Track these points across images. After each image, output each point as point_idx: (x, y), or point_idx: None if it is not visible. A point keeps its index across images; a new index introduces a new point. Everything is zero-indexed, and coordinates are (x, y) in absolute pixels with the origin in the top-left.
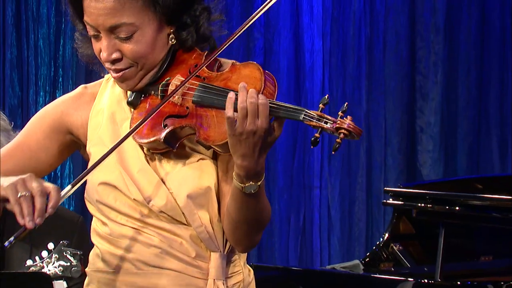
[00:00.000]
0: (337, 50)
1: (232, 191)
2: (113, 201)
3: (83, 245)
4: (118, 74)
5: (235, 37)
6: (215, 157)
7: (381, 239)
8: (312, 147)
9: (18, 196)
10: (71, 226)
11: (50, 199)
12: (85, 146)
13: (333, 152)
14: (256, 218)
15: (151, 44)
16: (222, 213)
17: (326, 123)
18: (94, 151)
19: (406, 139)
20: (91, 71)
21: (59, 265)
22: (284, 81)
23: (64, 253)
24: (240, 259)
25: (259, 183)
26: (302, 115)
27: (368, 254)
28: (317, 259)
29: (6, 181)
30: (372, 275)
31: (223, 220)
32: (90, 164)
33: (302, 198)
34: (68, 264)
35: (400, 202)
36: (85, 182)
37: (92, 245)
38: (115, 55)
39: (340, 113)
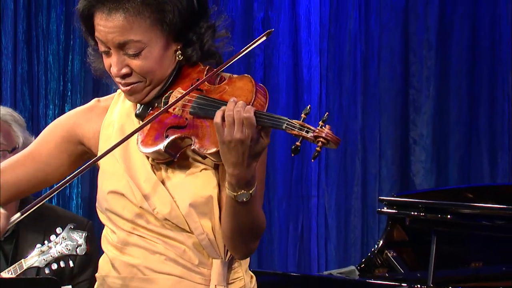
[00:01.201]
0: (334, 65)
1: (226, 201)
2: (121, 209)
3: (92, 245)
4: (126, 88)
5: (237, 58)
6: (217, 167)
7: (376, 246)
8: (293, 155)
9: None
10: (81, 227)
11: None
12: (95, 156)
13: (312, 160)
14: (250, 226)
15: (159, 60)
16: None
17: (307, 132)
18: (104, 161)
19: (399, 151)
20: (98, 86)
21: (66, 245)
22: (283, 95)
23: (71, 233)
24: (241, 266)
25: (250, 191)
26: (285, 124)
27: (363, 260)
28: (315, 265)
29: None
30: (367, 280)
31: (222, 229)
32: (100, 175)
33: (300, 207)
34: (75, 243)
35: (394, 211)
36: (95, 193)
37: (99, 246)
38: (124, 70)
39: (320, 122)
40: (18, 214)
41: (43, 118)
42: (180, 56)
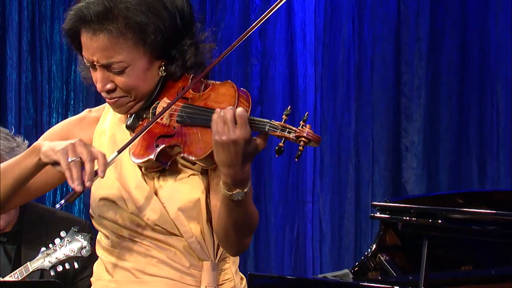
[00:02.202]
0: (328, 75)
1: (221, 200)
2: (113, 215)
3: (93, 243)
4: (111, 101)
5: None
6: (205, 172)
7: (369, 250)
8: (277, 155)
9: (69, 160)
10: (81, 227)
11: (98, 164)
12: None
13: (296, 159)
14: (245, 223)
15: (142, 77)
16: (214, 223)
17: (289, 132)
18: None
19: (392, 157)
20: (100, 95)
21: (71, 248)
22: (279, 103)
23: (75, 236)
24: (231, 268)
25: (245, 190)
26: (267, 126)
27: (357, 263)
28: (310, 268)
29: (57, 146)
30: (360, 283)
31: (215, 228)
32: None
33: (296, 212)
34: (79, 245)
35: (386, 216)
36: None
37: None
38: (109, 86)
39: (301, 122)
40: (116, 153)
41: (46, 126)
42: (163, 72)
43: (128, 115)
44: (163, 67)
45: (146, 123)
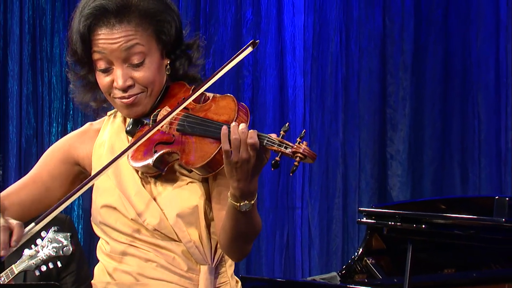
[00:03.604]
0: (317, 86)
1: (228, 210)
2: (114, 221)
3: (74, 240)
4: (129, 100)
5: (218, 76)
6: (203, 180)
7: (356, 254)
8: (272, 169)
9: None
10: (62, 224)
11: (13, 234)
12: (90, 175)
13: (291, 174)
14: (250, 231)
15: (158, 70)
16: (216, 229)
17: (286, 148)
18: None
19: (377, 165)
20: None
21: (53, 247)
22: (270, 114)
23: (56, 236)
24: (227, 271)
25: (252, 202)
26: (265, 141)
27: (344, 267)
28: (299, 271)
29: None
30: (348, 285)
31: (219, 236)
32: (94, 191)
33: (285, 218)
34: (60, 245)
35: (372, 221)
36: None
37: (79, 239)
38: (128, 82)
39: (298, 139)
40: (33, 224)
41: (47, 135)
42: (169, 71)
43: (127, 122)
44: (169, 66)
45: (145, 129)
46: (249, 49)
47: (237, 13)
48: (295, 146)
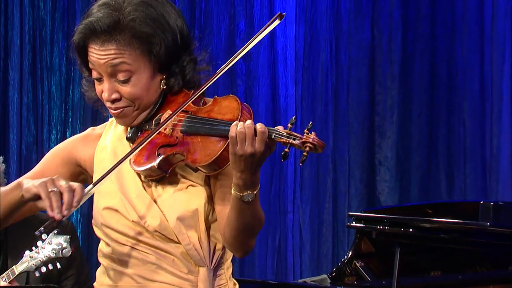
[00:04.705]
0: (308, 95)
1: (232, 201)
2: (115, 223)
3: (75, 243)
4: (116, 111)
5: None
6: (204, 184)
7: (346, 257)
8: (282, 160)
9: (49, 191)
10: (63, 228)
11: (75, 194)
12: (91, 177)
13: (300, 164)
14: (253, 223)
15: (146, 87)
16: (220, 228)
17: (294, 139)
18: None
19: (366, 171)
20: (96, 113)
21: (52, 249)
22: (262, 121)
23: (56, 238)
24: (225, 273)
25: (255, 192)
26: (274, 134)
27: (334, 269)
28: (291, 274)
29: (37, 181)
30: (338, 287)
31: (225, 232)
32: (95, 195)
33: (277, 222)
34: (60, 247)
35: (361, 225)
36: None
37: (80, 243)
38: (114, 96)
39: (305, 130)
40: (91, 186)
41: (46, 142)
42: (164, 86)
43: (129, 129)
44: (164, 81)
45: (146, 135)
46: (277, 22)
47: (231, 24)
48: (304, 137)
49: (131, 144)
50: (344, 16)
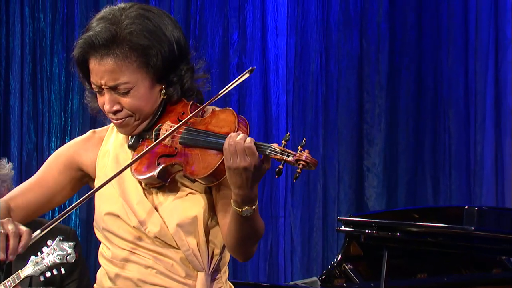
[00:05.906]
0: (299, 104)
1: (231, 215)
2: (116, 228)
3: (78, 250)
4: (118, 122)
5: (224, 92)
6: (203, 191)
7: (335, 260)
8: (276, 176)
9: None
10: (67, 235)
11: (22, 239)
12: (93, 180)
13: (294, 181)
14: (254, 234)
15: (145, 98)
16: (223, 235)
17: (288, 156)
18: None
19: (355, 177)
20: (94, 121)
21: (57, 255)
22: (255, 129)
23: (61, 244)
24: (222, 277)
25: (253, 207)
26: (268, 150)
27: (324, 272)
28: (282, 276)
29: None
30: None
31: (226, 239)
32: (97, 198)
33: (269, 226)
34: (64, 253)
35: (350, 229)
36: (91, 214)
37: (82, 249)
38: (115, 107)
39: (299, 147)
40: (38, 231)
41: (46, 149)
42: (164, 95)
43: (129, 136)
44: (163, 90)
45: (147, 143)
46: (247, 75)
47: (224, 35)
48: (297, 154)
49: (133, 152)
50: (333, 28)
